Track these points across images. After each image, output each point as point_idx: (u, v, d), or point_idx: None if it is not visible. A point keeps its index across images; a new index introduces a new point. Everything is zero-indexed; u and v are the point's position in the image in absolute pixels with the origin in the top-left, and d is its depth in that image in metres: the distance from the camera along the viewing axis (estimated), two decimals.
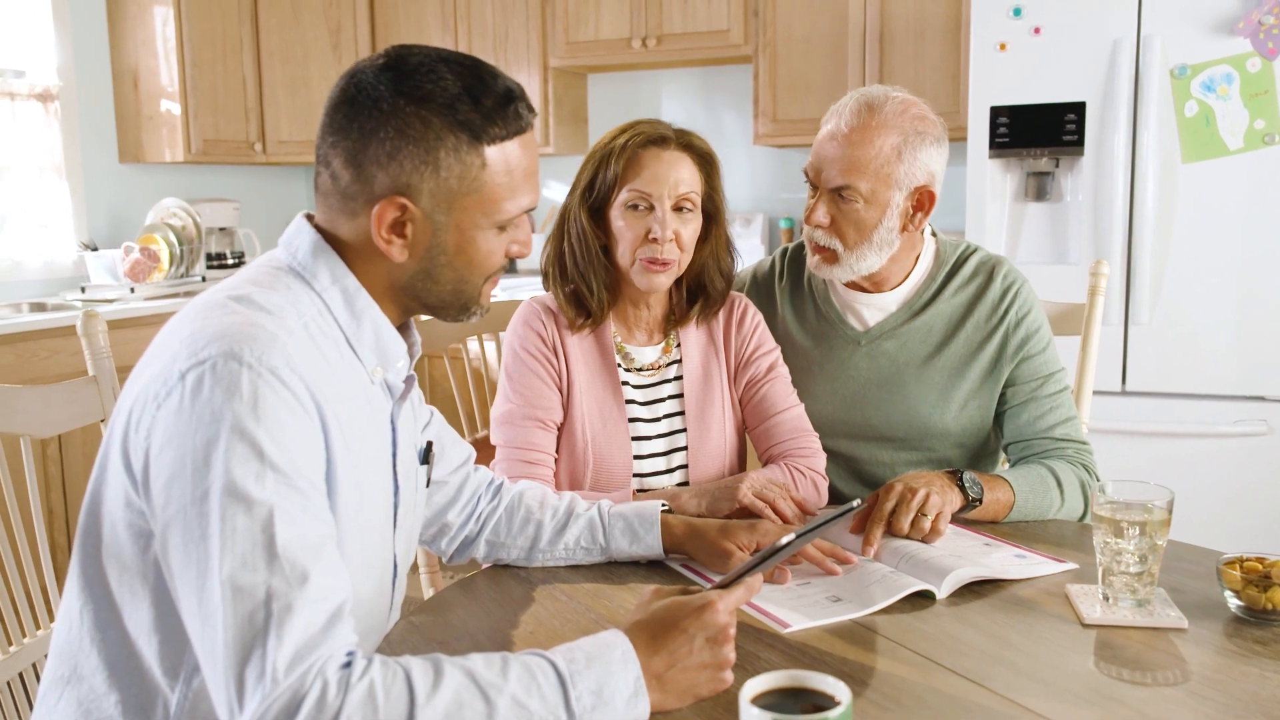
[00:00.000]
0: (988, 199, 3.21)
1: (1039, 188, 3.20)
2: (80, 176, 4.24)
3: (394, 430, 1.18)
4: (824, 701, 0.84)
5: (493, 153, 1.09)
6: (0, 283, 3.96)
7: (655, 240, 1.61)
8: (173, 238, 4.09)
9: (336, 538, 1.02)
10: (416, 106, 1.05)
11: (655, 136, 1.64)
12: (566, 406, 1.70)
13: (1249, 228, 2.90)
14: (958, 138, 3.47)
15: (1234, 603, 1.24)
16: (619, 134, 1.66)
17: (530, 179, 1.13)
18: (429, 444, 1.31)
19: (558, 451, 1.70)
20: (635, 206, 1.63)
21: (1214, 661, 1.14)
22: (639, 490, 1.68)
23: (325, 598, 0.93)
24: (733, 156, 4.50)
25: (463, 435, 2.21)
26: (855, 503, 1.27)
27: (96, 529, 1.04)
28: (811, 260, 1.75)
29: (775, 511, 1.53)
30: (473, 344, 3.35)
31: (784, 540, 1.11)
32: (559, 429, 1.70)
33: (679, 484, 1.71)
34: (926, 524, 1.43)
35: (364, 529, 1.11)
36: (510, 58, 4.45)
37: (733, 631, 1.05)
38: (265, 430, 0.94)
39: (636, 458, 1.71)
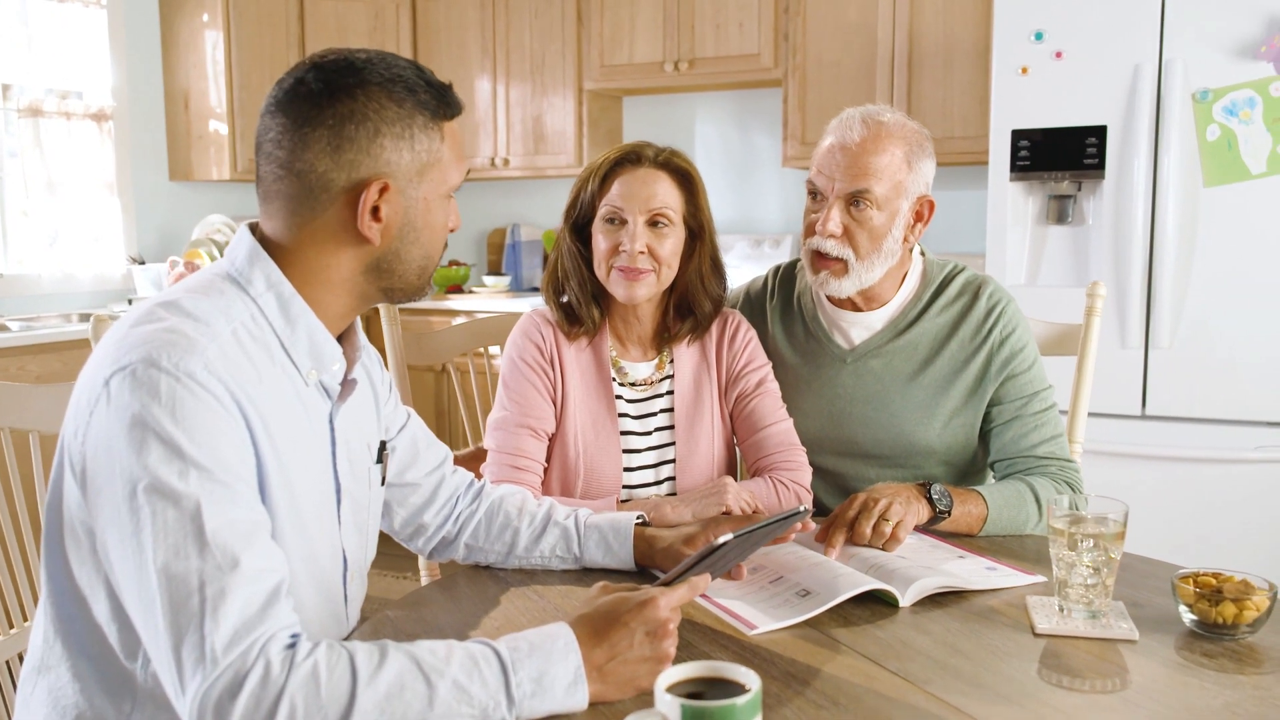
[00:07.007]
0: (1009, 222, 3.22)
1: (1060, 211, 3.20)
2: (131, 193, 4.40)
3: (332, 430, 1.22)
4: (736, 690, 0.88)
5: (447, 129, 1.19)
6: (53, 294, 4.13)
7: (624, 251, 1.67)
8: (216, 252, 4.23)
9: (271, 528, 1.07)
10: (389, 89, 1.14)
11: (630, 155, 1.71)
12: (560, 417, 1.75)
13: (1271, 252, 2.88)
14: (984, 161, 3.48)
15: (1188, 617, 1.25)
16: (600, 156, 1.73)
17: (463, 151, 1.24)
18: (382, 443, 1.35)
19: (550, 460, 1.76)
20: (611, 220, 1.70)
21: (1157, 672, 1.15)
22: (625, 500, 1.72)
23: (260, 580, 0.98)
24: (764, 179, 4.54)
25: (468, 445, 2.28)
26: (801, 508, 1.31)
27: (59, 526, 1.10)
28: (816, 277, 1.76)
29: None
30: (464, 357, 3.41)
31: (720, 540, 1.15)
32: (552, 438, 1.76)
33: (667, 494, 1.75)
34: (887, 530, 1.47)
35: (299, 524, 1.15)
36: (546, 81, 4.54)
37: (673, 627, 1.09)
38: (184, 431, 1.00)
39: (626, 469, 1.75)
